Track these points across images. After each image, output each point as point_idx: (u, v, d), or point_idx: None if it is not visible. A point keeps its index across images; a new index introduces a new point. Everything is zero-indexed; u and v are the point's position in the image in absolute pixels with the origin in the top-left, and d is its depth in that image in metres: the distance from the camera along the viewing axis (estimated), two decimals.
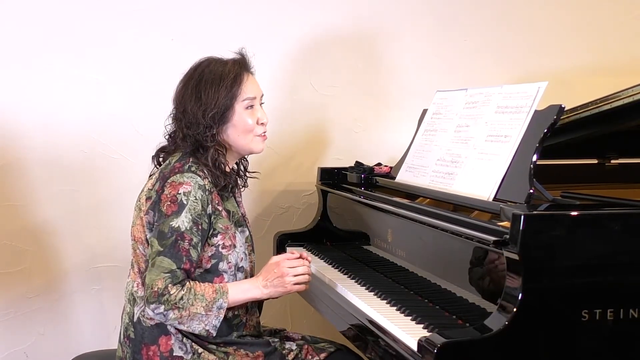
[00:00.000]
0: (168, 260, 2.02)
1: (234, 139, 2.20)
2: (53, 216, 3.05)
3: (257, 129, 2.21)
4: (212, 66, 2.19)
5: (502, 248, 1.71)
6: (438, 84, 2.95)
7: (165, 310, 2.00)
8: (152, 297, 2.00)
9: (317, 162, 3.27)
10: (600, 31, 3.52)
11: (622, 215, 1.76)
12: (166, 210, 2.05)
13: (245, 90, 2.18)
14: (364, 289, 2.26)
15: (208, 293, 2.04)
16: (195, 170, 2.11)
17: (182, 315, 2.01)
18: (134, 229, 2.18)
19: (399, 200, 2.36)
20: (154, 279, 2.00)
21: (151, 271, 2.02)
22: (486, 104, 2.24)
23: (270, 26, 3.20)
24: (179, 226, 2.03)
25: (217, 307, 2.05)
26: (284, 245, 2.91)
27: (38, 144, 3.01)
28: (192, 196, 2.06)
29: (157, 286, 1.99)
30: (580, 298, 1.69)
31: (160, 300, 1.99)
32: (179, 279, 2.02)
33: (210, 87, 2.15)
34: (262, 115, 2.23)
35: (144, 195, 2.17)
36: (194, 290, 2.02)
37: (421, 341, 1.68)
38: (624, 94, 2.22)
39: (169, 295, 1.99)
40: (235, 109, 2.17)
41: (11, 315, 3.05)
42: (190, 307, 2.01)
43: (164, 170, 2.15)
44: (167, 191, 2.07)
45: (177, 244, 2.03)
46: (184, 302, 2.00)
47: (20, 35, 2.97)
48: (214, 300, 2.04)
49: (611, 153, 2.75)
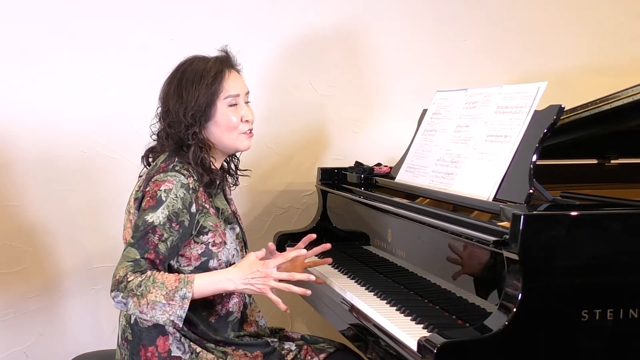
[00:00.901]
0: (134, 251, 2.00)
1: (218, 137, 2.18)
2: (52, 216, 3.05)
3: (241, 126, 2.19)
4: (194, 64, 2.19)
5: (502, 248, 1.71)
6: (438, 84, 2.95)
7: (123, 298, 1.96)
8: (113, 285, 1.97)
9: (317, 162, 3.27)
10: (600, 31, 3.52)
11: (622, 216, 1.76)
12: (144, 205, 2.05)
13: (227, 88, 2.16)
14: (364, 289, 2.26)
15: (170, 282, 1.97)
16: (180, 170, 2.11)
17: (141, 304, 1.95)
18: (125, 232, 2.18)
19: (399, 201, 2.36)
20: (118, 267, 1.98)
21: (119, 262, 2.01)
22: (486, 104, 2.24)
23: (269, 26, 3.20)
24: (153, 221, 2.02)
25: (181, 297, 1.97)
26: (284, 245, 2.90)
27: (37, 144, 3.00)
28: (172, 194, 2.05)
29: (119, 274, 1.97)
30: (580, 298, 1.69)
31: (119, 288, 1.96)
32: (141, 267, 1.98)
33: (191, 85, 2.15)
34: (247, 112, 2.20)
35: (132, 198, 2.17)
36: (152, 278, 1.96)
37: (421, 341, 1.68)
38: (624, 94, 2.22)
39: (126, 282, 1.95)
40: (217, 106, 2.16)
41: (11, 315, 3.05)
42: (148, 294, 1.95)
43: (150, 172, 2.15)
44: (149, 189, 2.08)
45: (146, 237, 2.01)
46: (142, 290, 1.95)
47: (19, 35, 2.97)
48: (176, 289, 1.97)
49: (611, 153, 2.76)
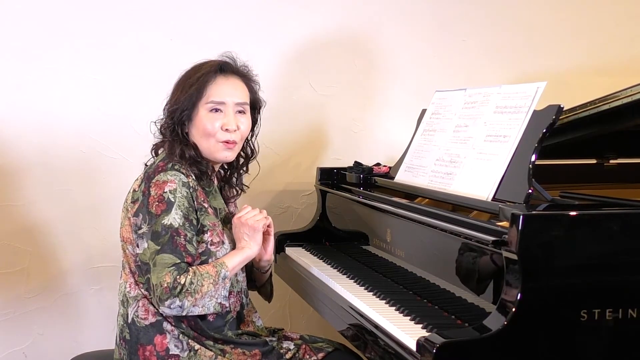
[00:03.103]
0: (169, 256, 2.02)
1: (197, 141, 2.18)
2: (52, 216, 3.05)
3: (219, 134, 2.16)
4: (194, 65, 2.22)
5: (501, 248, 1.71)
6: (437, 83, 2.95)
7: (180, 301, 2.00)
8: (164, 294, 1.99)
9: (316, 162, 3.27)
10: (598, 31, 3.53)
11: (621, 215, 1.76)
12: (155, 210, 2.05)
13: (211, 93, 2.15)
14: (363, 288, 2.26)
15: (210, 270, 2.06)
16: (179, 168, 2.12)
17: (197, 299, 2.02)
18: (122, 229, 2.18)
19: (398, 200, 2.36)
20: (161, 276, 2.00)
21: (154, 271, 2.01)
22: (485, 104, 2.24)
23: (269, 26, 3.20)
24: (171, 223, 2.04)
25: (222, 278, 2.07)
26: (283, 245, 2.91)
27: (36, 144, 3.00)
28: (178, 193, 2.07)
29: (166, 282, 1.99)
30: (579, 298, 1.69)
31: (174, 294, 1.99)
32: (183, 270, 2.02)
33: (179, 85, 2.20)
34: (229, 121, 2.16)
35: (130, 195, 2.17)
36: (198, 272, 2.03)
37: (420, 341, 1.68)
38: (623, 94, 2.22)
39: (180, 285, 1.99)
40: (198, 109, 2.16)
41: (10, 315, 3.05)
42: (201, 287, 2.02)
43: (148, 171, 2.15)
44: (153, 192, 2.07)
45: (173, 240, 2.03)
46: (194, 286, 2.01)
47: (18, 35, 2.97)
48: (218, 273, 2.06)
49: (610, 153, 2.76)
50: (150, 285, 2.04)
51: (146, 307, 2.11)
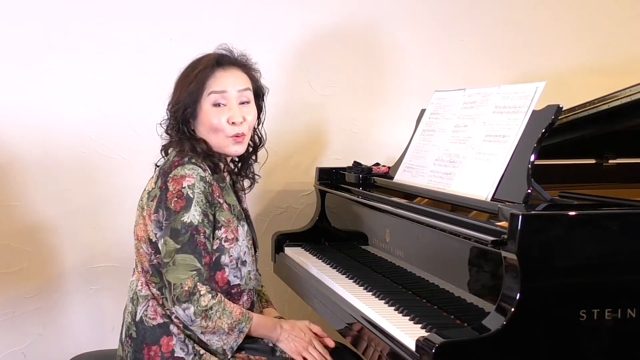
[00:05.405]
0: (190, 257, 2.00)
1: (205, 136, 2.16)
2: (51, 216, 3.05)
3: (227, 129, 2.14)
4: (189, 63, 2.19)
5: (500, 248, 1.71)
6: (436, 83, 2.95)
7: (194, 314, 1.98)
8: (183, 296, 1.97)
9: (315, 162, 3.27)
10: (598, 31, 3.53)
11: (620, 215, 1.77)
12: (174, 206, 2.03)
13: (212, 84, 2.12)
14: (362, 288, 2.26)
15: (235, 312, 2.04)
16: (196, 162, 2.10)
17: (208, 326, 2.00)
18: (137, 228, 2.16)
19: (397, 200, 2.36)
20: (182, 277, 1.98)
21: (174, 270, 1.99)
22: (484, 104, 2.24)
23: (268, 26, 3.21)
24: (191, 221, 2.01)
25: (239, 330, 2.05)
26: (282, 245, 2.91)
27: (36, 144, 3.00)
28: (196, 188, 2.04)
29: (187, 285, 1.97)
30: (578, 298, 1.69)
31: (192, 300, 1.97)
32: (204, 276, 2.01)
33: (178, 84, 2.18)
34: (235, 114, 2.13)
35: (145, 194, 2.15)
36: (223, 304, 2.02)
37: (419, 341, 1.68)
38: (622, 94, 2.22)
39: (199, 295, 1.97)
40: (201, 105, 2.14)
41: (9, 315, 3.05)
42: (218, 320, 2.00)
43: (163, 167, 2.13)
44: (171, 187, 2.05)
45: (194, 239, 2.01)
46: (212, 313, 1.99)
47: (18, 35, 2.97)
48: (239, 321, 2.04)
49: (609, 153, 2.76)
50: (165, 283, 2.02)
51: (155, 307, 2.10)
